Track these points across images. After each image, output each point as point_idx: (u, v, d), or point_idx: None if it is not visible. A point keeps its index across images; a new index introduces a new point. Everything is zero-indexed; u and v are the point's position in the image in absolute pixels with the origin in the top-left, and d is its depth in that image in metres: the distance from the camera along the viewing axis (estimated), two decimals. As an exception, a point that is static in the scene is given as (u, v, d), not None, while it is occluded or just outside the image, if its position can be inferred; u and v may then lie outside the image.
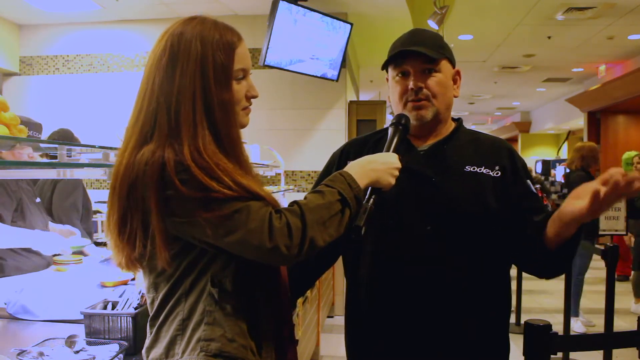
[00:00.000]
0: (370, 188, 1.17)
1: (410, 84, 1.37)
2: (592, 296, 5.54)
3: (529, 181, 1.41)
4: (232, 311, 1.06)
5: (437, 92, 1.37)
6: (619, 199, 1.10)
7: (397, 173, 1.19)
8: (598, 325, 4.71)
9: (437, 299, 1.33)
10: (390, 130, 1.33)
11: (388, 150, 1.27)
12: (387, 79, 1.47)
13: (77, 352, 1.42)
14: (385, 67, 1.44)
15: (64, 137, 3.31)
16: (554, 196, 9.22)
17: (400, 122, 1.33)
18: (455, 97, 1.45)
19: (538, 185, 4.82)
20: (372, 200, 1.16)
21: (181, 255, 1.06)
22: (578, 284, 4.61)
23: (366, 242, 1.36)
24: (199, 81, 1.05)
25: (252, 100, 1.16)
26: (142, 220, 1.03)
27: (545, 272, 1.41)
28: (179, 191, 0.98)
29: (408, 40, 1.41)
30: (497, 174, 1.38)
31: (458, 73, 1.45)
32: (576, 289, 4.57)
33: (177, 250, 1.05)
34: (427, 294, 1.33)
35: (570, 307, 3.77)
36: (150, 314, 1.13)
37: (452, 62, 1.43)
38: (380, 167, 1.17)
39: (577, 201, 1.16)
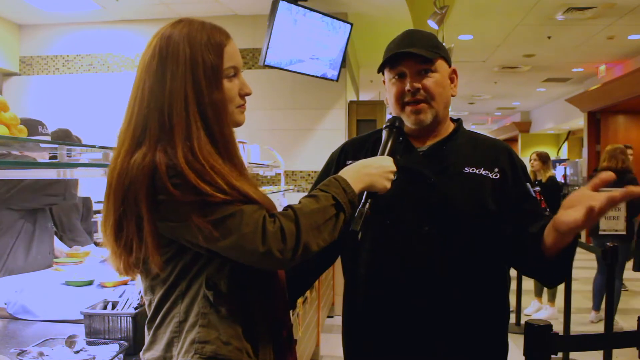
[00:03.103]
0: (365, 192, 1.17)
1: (407, 86, 1.36)
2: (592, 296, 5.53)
3: (528, 184, 1.41)
4: (227, 313, 1.05)
5: (434, 93, 1.37)
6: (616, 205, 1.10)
7: (392, 177, 1.19)
8: (598, 325, 4.71)
9: (435, 299, 1.33)
10: (384, 134, 1.32)
11: (383, 154, 1.27)
12: (384, 81, 1.46)
13: (77, 352, 1.42)
14: (381, 69, 1.43)
15: (62, 137, 3.30)
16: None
17: (394, 124, 1.33)
18: (453, 96, 1.44)
19: (537, 188, 4.84)
20: (367, 204, 1.16)
21: (176, 258, 1.06)
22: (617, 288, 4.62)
23: (365, 242, 1.36)
24: (190, 83, 1.05)
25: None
26: (137, 225, 1.02)
27: (547, 280, 1.42)
28: (171, 195, 0.98)
29: (402, 41, 1.40)
30: (496, 176, 1.37)
31: (455, 72, 1.44)
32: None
33: (172, 253, 1.05)
34: (425, 294, 1.33)
35: (570, 308, 3.76)
36: (148, 317, 1.13)
37: (448, 61, 1.42)
38: (374, 171, 1.17)
39: (571, 211, 1.13)
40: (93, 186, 2.69)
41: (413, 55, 1.35)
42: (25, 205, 2.57)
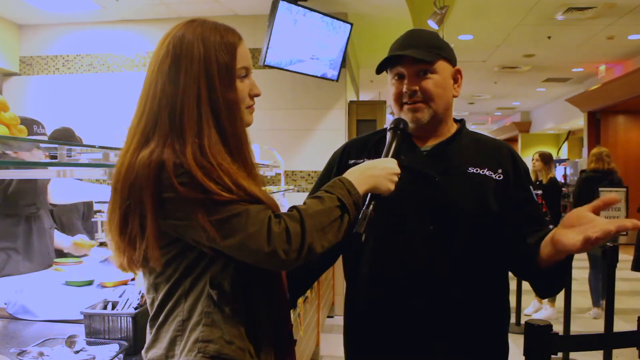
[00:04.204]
0: (369, 194, 1.17)
1: (404, 87, 1.37)
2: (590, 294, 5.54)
3: (530, 187, 1.41)
4: (230, 313, 1.06)
5: (433, 94, 1.36)
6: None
7: (396, 178, 1.19)
8: (598, 325, 4.72)
9: (435, 299, 1.33)
10: (388, 135, 1.32)
11: (387, 156, 1.26)
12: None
13: (77, 352, 1.42)
14: (379, 71, 1.43)
15: (65, 136, 3.30)
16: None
17: (398, 126, 1.32)
18: (455, 96, 1.43)
19: (539, 192, 4.86)
20: (371, 206, 1.16)
21: (180, 257, 1.06)
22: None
23: (367, 242, 1.35)
24: (204, 81, 1.05)
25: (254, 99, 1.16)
26: (140, 221, 1.03)
27: (540, 290, 1.44)
28: (177, 193, 0.98)
29: (402, 42, 1.40)
30: (500, 177, 1.37)
31: (459, 72, 1.43)
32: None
33: (176, 252, 1.06)
34: (425, 294, 1.33)
35: (570, 308, 3.78)
36: (150, 315, 1.13)
37: (451, 61, 1.41)
38: (379, 173, 1.17)
39: (570, 233, 1.14)
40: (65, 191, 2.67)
41: (411, 56, 1.35)
42: (6, 212, 2.56)
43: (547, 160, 5.27)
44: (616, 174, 5.06)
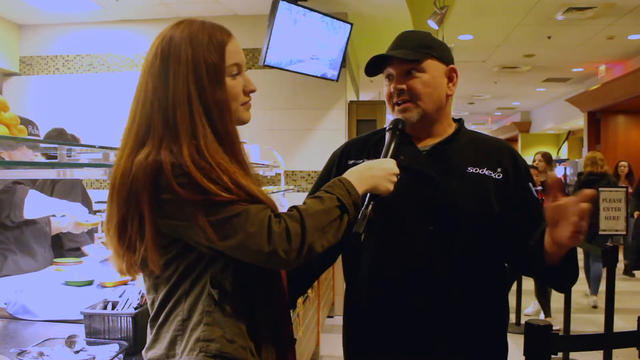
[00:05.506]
0: (369, 194, 1.18)
1: (391, 87, 1.38)
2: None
3: (530, 184, 1.41)
4: (231, 312, 1.06)
5: (420, 93, 1.36)
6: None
7: (395, 179, 1.20)
8: (598, 325, 4.72)
9: (435, 299, 1.33)
10: (387, 136, 1.33)
11: (386, 156, 1.27)
12: None
13: (77, 352, 1.42)
14: (367, 74, 1.44)
15: (55, 137, 3.30)
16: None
17: (397, 127, 1.33)
18: (449, 95, 1.42)
19: (539, 188, 4.89)
20: (370, 206, 1.17)
21: (180, 257, 1.06)
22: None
23: (367, 241, 1.35)
24: (193, 82, 1.05)
25: (252, 100, 1.16)
26: (139, 224, 1.03)
27: (553, 286, 1.44)
28: (176, 194, 0.98)
29: (392, 45, 1.42)
30: (499, 175, 1.37)
31: (454, 70, 1.42)
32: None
33: (175, 253, 1.06)
34: (425, 294, 1.33)
35: (570, 308, 3.78)
36: (151, 315, 1.13)
37: (444, 60, 1.41)
38: (378, 173, 1.18)
39: (559, 230, 1.17)
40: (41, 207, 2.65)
41: (397, 57, 1.36)
42: None
43: (549, 160, 5.47)
44: (610, 176, 5.46)
